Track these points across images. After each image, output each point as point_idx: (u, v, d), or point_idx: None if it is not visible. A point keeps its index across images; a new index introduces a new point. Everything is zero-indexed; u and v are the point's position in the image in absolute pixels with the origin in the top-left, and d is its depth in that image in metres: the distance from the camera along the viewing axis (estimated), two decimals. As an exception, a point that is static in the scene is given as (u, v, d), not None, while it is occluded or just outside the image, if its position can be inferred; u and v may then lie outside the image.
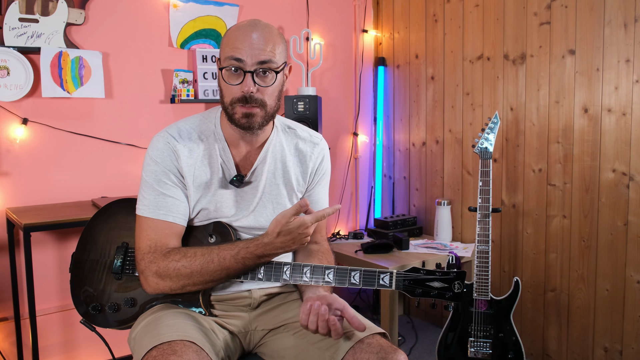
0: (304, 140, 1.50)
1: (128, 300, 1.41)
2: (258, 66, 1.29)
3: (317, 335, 1.32)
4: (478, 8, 2.79)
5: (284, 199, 1.46)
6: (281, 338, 1.41)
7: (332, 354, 1.28)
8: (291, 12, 3.08)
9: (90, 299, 1.43)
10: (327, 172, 1.56)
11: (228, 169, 1.40)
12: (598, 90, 2.34)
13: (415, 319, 3.27)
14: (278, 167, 1.45)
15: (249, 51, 1.28)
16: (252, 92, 1.29)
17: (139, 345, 1.26)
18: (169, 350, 1.18)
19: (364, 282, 1.26)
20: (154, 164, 1.35)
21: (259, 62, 1.28)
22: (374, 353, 1.25)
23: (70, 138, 2.44)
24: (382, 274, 1.26)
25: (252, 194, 1.43)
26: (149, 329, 1.29)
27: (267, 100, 1.32)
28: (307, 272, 1.30)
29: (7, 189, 2.32)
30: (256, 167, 1.42)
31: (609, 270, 2.35)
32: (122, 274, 1.42)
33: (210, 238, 1.39)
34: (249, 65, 1.28)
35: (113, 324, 1.42)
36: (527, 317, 2.67)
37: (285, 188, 1.47)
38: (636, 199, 2.25)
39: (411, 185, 3.25)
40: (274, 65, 1.31)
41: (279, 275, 1.32)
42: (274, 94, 1.34)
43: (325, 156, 1.54)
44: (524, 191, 2.64)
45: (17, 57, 2.24)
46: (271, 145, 1.44)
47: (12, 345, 2.36)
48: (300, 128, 1.53)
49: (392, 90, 3.34)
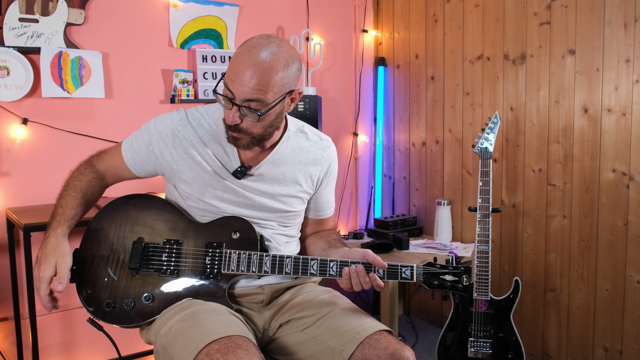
0: (314, 143, 1.55)
1: (146, 296, 1.38)
2: (246, 103, 1.29)
3: (326, 332, 1.36)
4: (478, 8, 2.79)
5: (291, 199, 1.51)
6: (290, 335, 1.43)
7: (341, 349, 1.30)
8: (291, 12, 3.08)
9: (102, 296, 1.38)
10: (334, 174, 1.62)
11: (230, 161, 1.44)
12: (598, 90, 2.34)
13: (415, 319, 3.27)
14: (288, 169, 1.49)
15: (239, 87, 1.28)
16: (236, 123, 1.32)
17: (186, 340, 1.24)
18: (231, 344, 1.19)
19: (388, 275, 1.36)
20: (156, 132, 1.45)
21: (246, 99, 1.29)
22: (382, 349, 1.28)
23: (70, 138, 2.44)
24: (404, 268, 1.36)
25: (261, 193, 1.47)
26: (191, 324, 1.28)
27: (253, 130, 1.35)
28: (334, 267, 1.37)
29: (7, 189, 2.32)
30: (264, 166, 1.46)
31: (609, 270, 2.35)
32: (139, 270, 1.40)
33: (234, 234, 1.43)
34: (237, 100, 1.30)
35: (126, 320, 1.38)
36: (527, 317, 2.67)
37: (294, 189, 1.51)
38: (636, 199, 2.25)
39: (411, 185, 3.25)
40: (262, 105, 1.30)
41: (306, 269, 1.38)
42: (262, 125, 1.35)
43: (334, 159, 1.59)
44: (524, 191, 2.64)
45: (17, 57, 2.24)
46: (282, 147, 1.48)
47: (12, 345, 2.36)
48: (312, 131, 1.57)
49: (392, 90, 3.34)
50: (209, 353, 1.17)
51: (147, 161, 1.47)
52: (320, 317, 1.40)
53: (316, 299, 1.46)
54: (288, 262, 1.37)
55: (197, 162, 1.44)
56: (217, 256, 1.41)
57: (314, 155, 1.53)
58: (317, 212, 1.63)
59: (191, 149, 1.43)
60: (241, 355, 1.16)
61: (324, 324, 1.38)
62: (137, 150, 1.47)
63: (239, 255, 1.39)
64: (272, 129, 1.39)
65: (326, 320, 1.39)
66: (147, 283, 1.40)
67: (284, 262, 1.37)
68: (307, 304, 1.45)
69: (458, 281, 1.36)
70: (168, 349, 1.28)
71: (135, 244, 1.41)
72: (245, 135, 1.36)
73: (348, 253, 1.41)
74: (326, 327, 1.37)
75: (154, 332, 1.37)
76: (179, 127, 1.44)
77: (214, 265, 1.40)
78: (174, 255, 1.41)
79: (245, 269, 1.38)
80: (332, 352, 1.32)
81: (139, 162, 1.48)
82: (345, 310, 1.41)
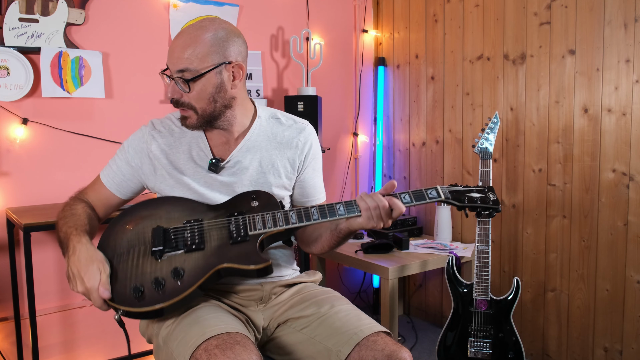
0: (289, 127, 1.53)
1: (175, 270, 1.29)
2: (178, 74, 1.34)
3: (324, 332, 1.36)
4: (478, 8, 2.79)
5: (271, 187, 1.48)
6: (288, 334, 1.43)
7: (337, 350, 1.30)
8: (291, 12, 3.08)
9: (128, 287, 1.28)
10: (317, 156, 1.57)
11: (206, 156, 1.45)
12: (598, 90, 2.34)
13: (415, 319, 3.27)
14: (264, 156, 1.48)
15: (171, 60, 1.35)
16: (175, 98, 1.37)
17: (185, 337, 1.24)
18: (229, 340, 1.19)
19: (415, 197, 1.33)
20: (131, 149, 1.48)
21: (177, 70, 1.34)
22: (379, 350, 1.27)
23: (70, 138, 2.44)
24: (429, 190, 1.34)
25: (238, 183, 1.46)
26: (191, 320, 1.28)
27: (196, 104, 1.37)
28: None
29: (7, 189, 2.32)
30: (237, 155, 1.45)
31: (609, 270, 2.35)
32: (163, 251, 1.32)
33: (253, 202, 1.40)
34: (172, 73, 1.36)
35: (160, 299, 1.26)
36: (527, 317, 2.67)
37: (274, 177, 1.48)
38: (636, 199, 2.25)
39: (411, 185, 3.25)
40: (191, 73, 1.33)
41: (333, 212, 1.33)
42: (202, 97, 1.37)
43: (313, 140, 1.55)
44: (524, 191, 2.64)
45: (17, 57, 2.24)
46: (254, 135, 1.48)
47: (12, 345, 2.36)
48: (285, 116, 1.56)
49: (392, 90, 3.34)
50: (207, 348, 1.17)
51: (130, 179, 1.48)
52: (319, 318, 1.40)
53: (315, 299, 1.46)
54: (314, 210, 1.33)
55: (175, 168, 1.45)
56: (241, 221, 1.36)
57: (289, 138, 1.51)
58: (305, 199, 1.57)
59: (164, 156, 1.45)
60: (239, 352, 1.17)
61: (322, 324, 1.38)
62: (117, 172, 1.48)
63: (262, 216, 1.35)
64: (218, 104, 1.39)
65: (324, 321, 1.38)
66: (174, 262, 1.32)
67: (309, 211, 1.33)
68: (306, 304, 1.44)
69: (486, 198, 1.33)
70: (168, 343, 1.29)
71: (155, 230, 1.36)
72: (190, 111, 1.38)
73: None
74: (324, 327, 1.37)
75: (157, 326, 1.37)
76: (149, 138, 1.46)
77: (239, 229, 1.34)
78: (196, 231, 1.36)
79: (272, 225, 1.33)
80: (329, 353, 1.32)
81: (122, 183, 1.49)
82: (344, 311, 1.40)
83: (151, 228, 1.37)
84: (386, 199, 1.29)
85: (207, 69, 1.34)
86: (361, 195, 1.32)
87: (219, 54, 1.35)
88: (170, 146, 1.46)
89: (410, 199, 1.32)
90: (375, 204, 1.29)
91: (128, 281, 1.28)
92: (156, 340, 1.37)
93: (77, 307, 2.49)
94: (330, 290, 1.53)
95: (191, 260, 1.31)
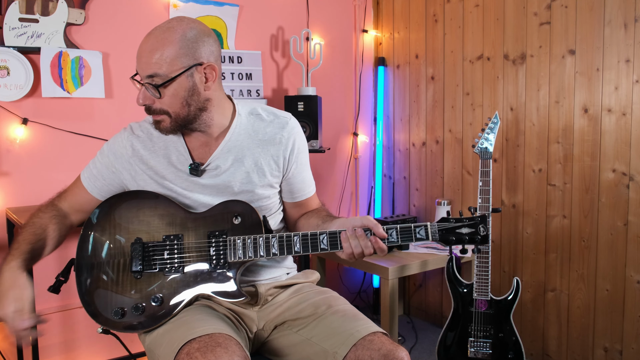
0: (270, 123, 1.47)
1: (154, 298, 1.33)
2: (147, 80, 1.30)
3: (320, 333, 1.35)
4: (478, 8, 2.79)
5: (258, 188, 1.44)
6: (285, 336, 1.42)
7: (334, 352, 1.29)
8: (291, 12, 3.08)
9: (109, 306, 1.33)
10: (303, 149, 1.52)
11: (186, 160, 1.42)
12: (598, 90, 2.34)
13: (415, 319, 3.27)
14: (246, 155, 1.43)
15: (140, 65, 1.31)
16: (146, 104, 1.33)
17: (170, 339, 1.24)
18: (211, 342, 1.18)
19: (402, 237, 1.30)
20: (111, 153, 1.46)
21: (146, 75, 1.30)
22: (375, 350, 1.26)
23: (70, 138, 2.44)
24: (418, 228, 1.30)
25: (222, 185, 1.42)
26: (177, 324, 1.28)
27: (168, 109, 1.33)
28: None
29: (7, 189, 2.32)
30: (219, 157, 1.41)
31: (609, 270, 2.35)
32: (142, 272, 1.34)
33: (235, 219, 1.37)
34: (142, 78, 1.32)
35: (139, 327, 1.32)
36: (527, 317, 2.67)
37: (258, 176, 1.44)
38: (636, 199, 2.25)
39: (411, 185, 3.25)
40: (161, 79, 1.29)
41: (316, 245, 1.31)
42: (175, 102, 1.32)
43: (297, 134, 1.49)
44: (524, 191, 2.64)
45: (17, 57, 2.24)
46: (234, 135, 1.43)
47: (12, 345, 2.36)
48: (267, 111, 1.49)
49: (392, 90, 3.34)
50: (189, 352, 1.16)
51: (111, 183, 1.46)
52: (316, 319, 1.39)
53: (312, 300, 1.44)
54: (296, 240, 1.31)
55: (156, 173, 1.42)
56: (221, 245, 1.34)
57: (272, 135, 1.45)
58: (294, 195, 1.54)
59: (143, 162, 1.42)
60: (220, 354, 1.15)
61: (319, 325, 1.37)
62: (98, 175, 1.46)
63: (243, 241, 1.33)
64: (192, 108, 1.34)
65: (321, 322, 1.37)
66: (154, 284, 1.34)
67: (292, 241, 1.31)
68: (303, 305, 1.43)
69: (475, 232, 1.30)
70: (154, 349, 1.29)
71: (134, 246, 1.36)
72: (163, 116, 1.34)
73: (347, 221, 1.34)
74: (320, 328, 1.36)
75: (148, 334, 1.36)
76: (127, 144, 1.44)
77: (219, 256, 1.34)
78: (176, 251, 1.35)
79: (253, 254, 1.32)
80: (325, 354, 1.31)
81: (104, 187, 1.46)
82: (341, 311, 1.39)
83: (130, 240, 1.36)
84: (372, 241, 1.27)
85: (178, 73, 1.29)
86: (348, 234, 1.28)
87: (189, 56, 1.30)
88: (150, 151, 1.43)
89: (396, 238, 1.30)
90: (360, 250, 1.28)
91: (109, 299, 1.33)
92: (144, 345, 1.37)
93: (77, 307, 2.49)
94: (327, 290, 1.52)
95: (171, 285, 1.34)
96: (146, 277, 1.35)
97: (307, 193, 1.56)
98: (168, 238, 1.36)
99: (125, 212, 1.39)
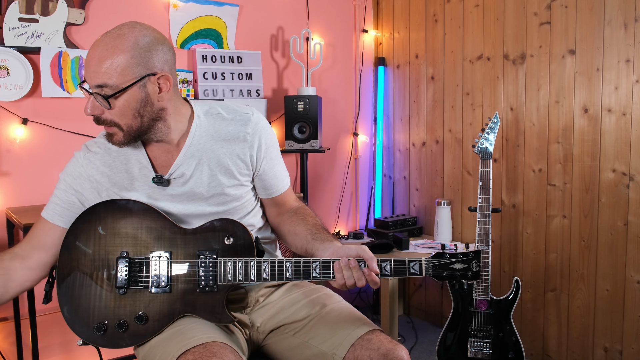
0: (232, 121, 1.40)
1: (139, 316, 1.27)
2: (96, 90, 1.22)
3: (317, 335, 1.33)
4: (478, 8, 2.79)
5: (227, 189, 1.39)
6: (282, 340, 1.41)
7: (333, 353, 1.29)
8: (291, 12, 3.08)
9: (91, 320, 1.27)
10: (271, 144, 1.45)
11: (149, 172, 1.35)
12: (598, 90, 2.34)
13: (415, 319, 3.27)
14: (211, 157, 1.37)
15: (88, 73, 1.22)
16: (95, 114, 1.26)
17: (164, 352, 1.21)
18: (206, 352, 1.15)
19: (396, 272, 1.28)
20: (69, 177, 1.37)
21: (95, 85, 1.22)
22: (374, 350, 1.25)
23: (70, 138, 2.44)
24: (412, 262, 1.27)
25: (190, 193, 1.37)
26: (170, 334, 1.25)
27: (119, 121, 1.25)
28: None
29: (7, 189, 2.32)
30: (180, 163, 1.35)
31: (609, 270, 2.35)
32: (128, 288, 1.28)
33: (226, 240, 1.32)
34: (91, 87, 1.23)
35: (121, 344, 1.27)
36: (527, 317, 2.67)
37: (226, 177, 1.38)
38: (636, 199, 2.25)
39: (411, 185, 3.25)
40: (111, 89, 1.21)
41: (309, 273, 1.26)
42: (126, 114, 1.25)
43: (262, 129, 1.42)
44: (524, 191, 2.64)
45: (17, 57, 2.24)
46: (195, 139, 1.36)
47: (12, 345, 2.36)
48: (227, 109, 1.42)
49: (392, 90, 3.34)
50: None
51: (76, 205, 1.36)
52: (311, 320, 1.37)
53: (306, 300, 1.42)
54: (289, 266, 1.26)
55: (120, 188, 1.36)
56: (210, 267, 1.28)
57: (234, 133, 1.38)
58: (268, 191, 1.48)
59: (105, 177, 1.35)
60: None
61: (315, 327, 1.35)
62: (59, 203, 1.36)
63: (234, 264, 1.28)
64: (145, 119, 1.27)
65: (317, 323, 1.36)
66: (138, 301, 1.28)
67: (284, 267, 1.27)
68: (298, 306, 1.41)
69: (468, 268, 1.30)
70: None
71: (120, 260, 1.29)
72: (115, 128, 1.27)
73: (341, 250, 1.28)
74: (317, 330, 1.34)
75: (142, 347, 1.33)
76: (84, 163, 1.36)
77: (208, 277, 1.28)
78: (163, 269, 1.29)
79: (243, 278, 1.27)
80: (324, 357, 1.30)
81: (68, 210, 1.36)
82: (336, 310, 1.38)
83: (116, 254, 1.29)
84: (366, 274, 1.23)
85: (129, 84, 1.22)
86: (342, 265, 1.23)
87: (141, 65, 1.22)
88: (110, 166, 1.36)
89: (390, 272, 1.27)
90: (352, 281, 1.23)
91: (91, 314, 1.27)
92: (138, 357, 1.34)
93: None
94: (320, 287, 1.50)
95: (156, 304, 1.28)
96: (131, 294, 1.28)
97: (279, 189, 1.49)
98: (156, 254, 1.30)
99: (111, 221, 1.31)
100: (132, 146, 1.34)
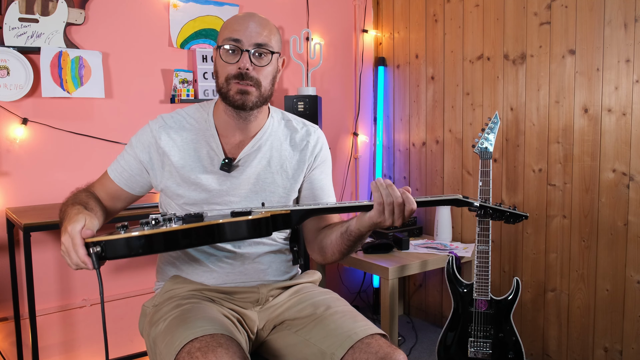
0: (300, 130, 1.53)
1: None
2: (254, 47, 1.36)
3: (318, 334, 1.34)
4: (478, 8, 2.79)
5: (277, 187, 1.47)
6: (282, 336, 1.42)
7: (332, 353, 1.29)
8: (291, 12, 3.08)
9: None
10: (326, 160, 1.56)
11: (217, 155, 1.43)
12: (598, 90, 2.34)
13: (415, 319, 3.27)
14: (274, 155, 1.47)
15: (247, 33, 1.36)
16: (247, 69, 1.35)
17: (172, 337, 1.24)
18: (213, 342, 1.18)
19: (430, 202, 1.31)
20: (139, 144, 1.46)
21: (255, 44, 1.36)
22: (373, 353, 1.25)
23: (70, 138, 2.44)
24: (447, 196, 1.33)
25: (244, 181, 1.44)
26: (180, 321, 1.27)
27: (262, 81, 1.38)
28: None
29: (7, 189, 2.32)
30: (248, 153, 1.44)
31: (609, 270, 2.35)
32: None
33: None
34: (246, 45, 1.36)
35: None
36: (527, 317, 2.67)
37: (280, 177, 1.47)
38: (636, 199, 2.25)
39: (411, 185, 3.25)
40: (270, 49, 1.38)
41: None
42: (268, 77, 1.39)
43: (323, 144, 1.55)
44: (524, 191, 2.64)
45: (17, 57, 2.24)
46: (265, 134, 1.47)
47: (12, 345, 2.36)
48: (296, 120, 1.56)
49: (392, 90, 3.34)
50: (190, 351, 1.17)
51: (139, 174, 1.46)
52: (314, 319, 1.38)
53: (312, 300, 1.44)
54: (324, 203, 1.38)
55: (184, 164, 1.42)
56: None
57: (300, 140, 1.51)
58: (315, 201, 1.52)
59: (174, 152, 1.42)
60: (221, 355, 1.15)
61: (317, 326, 1.37)
62: (126, 167, 1.46)
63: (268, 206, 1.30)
64: (272, 88, 1.43)
65: (319, 323, 1.37)
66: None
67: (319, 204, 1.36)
68: (303, 305, 1.43)
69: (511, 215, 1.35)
70: (157, 344, 1.29)
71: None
72: (253, 88, 1.37)
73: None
74: (319, 329, 1.36)
75: (149, 323, 1.36)
76: (157, 134, 1.43)
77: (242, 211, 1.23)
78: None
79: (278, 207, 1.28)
80: (323, 356, 1.30)
81: (131, 178, 1.46)
82: (340, 312, 1.39)
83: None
84: (401, 192, 1.23)
85: (277, 52, 1.41)
86: (377, 183, 1.24)
87: (279, 43, 1.43)
88: (181, 141, 1.44)
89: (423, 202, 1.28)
90: (390, 199, 1.21)
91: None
92: (147, 340, 1.36)
93: (77, 307, 2.49)
94: (328, 291, 1.52)
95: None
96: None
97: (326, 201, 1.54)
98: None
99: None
100: (206, 129, 1.45)
